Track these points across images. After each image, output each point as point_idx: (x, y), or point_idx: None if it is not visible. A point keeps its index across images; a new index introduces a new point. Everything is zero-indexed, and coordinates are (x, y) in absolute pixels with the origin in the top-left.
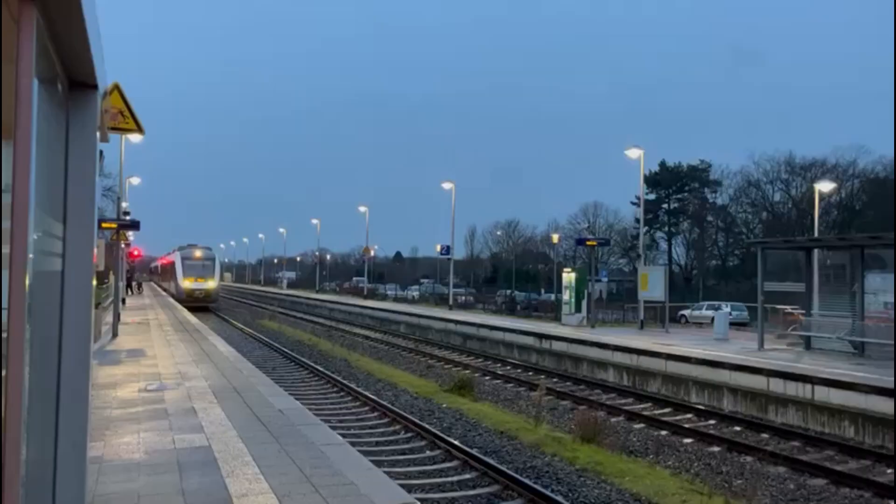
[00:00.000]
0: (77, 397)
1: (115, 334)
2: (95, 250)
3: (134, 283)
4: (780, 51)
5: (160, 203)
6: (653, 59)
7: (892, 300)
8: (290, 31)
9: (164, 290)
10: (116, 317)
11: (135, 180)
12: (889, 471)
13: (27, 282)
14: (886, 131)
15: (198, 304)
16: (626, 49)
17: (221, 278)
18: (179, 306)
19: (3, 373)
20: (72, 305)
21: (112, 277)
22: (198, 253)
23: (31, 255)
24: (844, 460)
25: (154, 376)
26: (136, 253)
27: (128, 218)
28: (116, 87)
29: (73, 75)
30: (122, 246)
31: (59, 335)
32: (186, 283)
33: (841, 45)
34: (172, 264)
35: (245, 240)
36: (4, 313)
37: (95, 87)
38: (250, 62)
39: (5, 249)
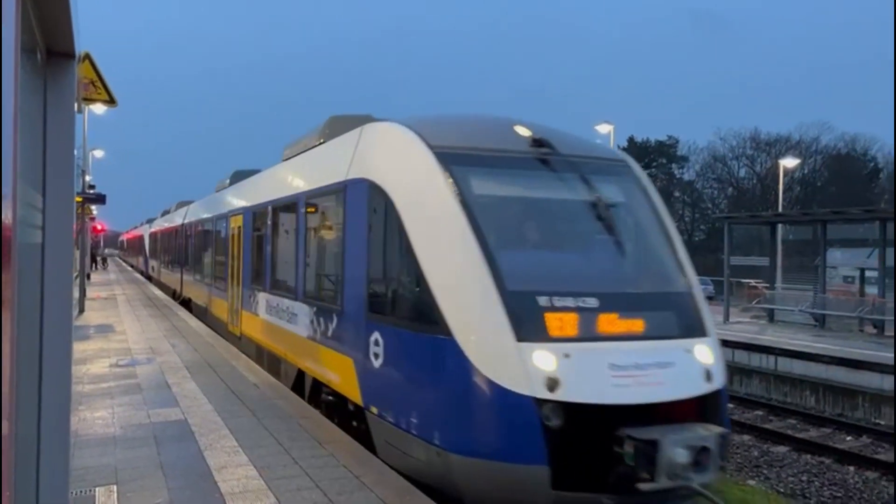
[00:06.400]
0: (60, 371)
1: (81, 310)
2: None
3: (99, 258)
4: (758, 27)
5: (122, 176)
6: (619, 31)
7: (854, 275)
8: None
9: (227, 329)
10: (82, 292)
11: (98, 153)
12: (848, 438)
13: (15, 254)
14: (850, 108)
15: None
16: (593, 21)
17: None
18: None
19: None
20: (53, 278)
21: (77, 252)
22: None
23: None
24: (806, 429)
25: (125, 351)
26: (99, 227)
27: (92, 192)
28: (88, 57)
29: (51, 44)
30: (87, 220)
31: (41, 308)
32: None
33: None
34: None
35: None
36: None
37: (73, 56)
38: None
39: None
